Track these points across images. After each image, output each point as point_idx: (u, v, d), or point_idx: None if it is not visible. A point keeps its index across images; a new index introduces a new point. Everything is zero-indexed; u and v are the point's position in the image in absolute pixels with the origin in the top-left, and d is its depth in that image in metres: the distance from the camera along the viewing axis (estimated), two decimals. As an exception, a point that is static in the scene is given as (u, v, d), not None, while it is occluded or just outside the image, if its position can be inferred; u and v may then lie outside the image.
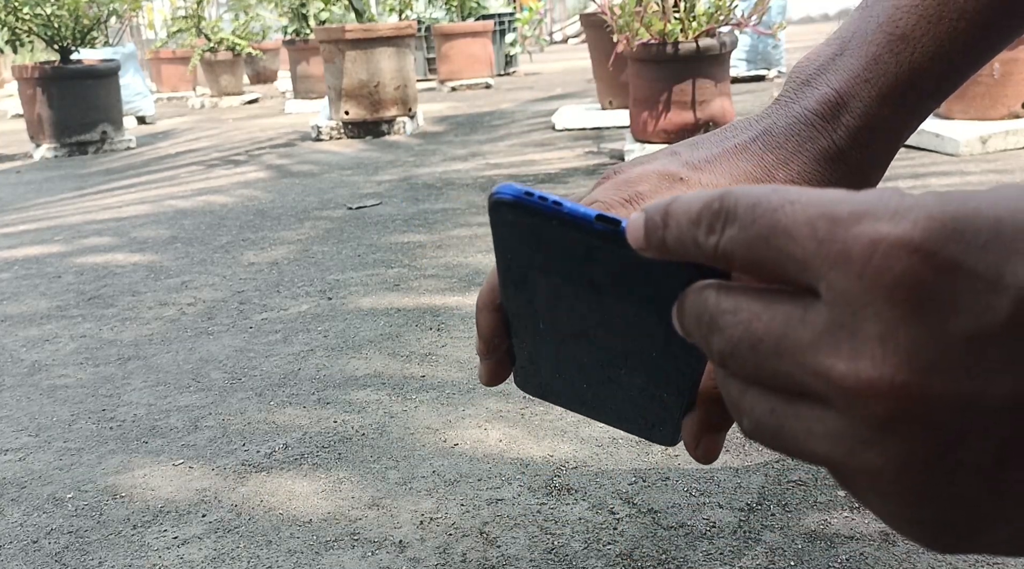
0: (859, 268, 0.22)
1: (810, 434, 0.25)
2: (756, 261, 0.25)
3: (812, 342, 0.24)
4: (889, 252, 0.22)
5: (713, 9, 3.05)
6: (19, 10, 4.77)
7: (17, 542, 1.08)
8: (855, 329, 0.23)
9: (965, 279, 0.21)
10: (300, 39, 7.21)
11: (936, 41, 0.43)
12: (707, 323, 0.27)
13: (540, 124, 4.73)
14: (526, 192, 0.32)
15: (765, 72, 5.97)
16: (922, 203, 0.22)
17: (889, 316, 0.22)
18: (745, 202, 0.25)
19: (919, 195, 0.23)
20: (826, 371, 0.23)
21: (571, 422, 1.27)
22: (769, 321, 0.25)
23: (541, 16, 12.70)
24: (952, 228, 0.22)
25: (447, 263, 2.17)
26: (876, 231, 0.22)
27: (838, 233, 0.23)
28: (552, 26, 17.13)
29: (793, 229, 0.24)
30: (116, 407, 1.46)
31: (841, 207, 0.23)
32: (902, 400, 0.22)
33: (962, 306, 0.21)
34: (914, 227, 0.22)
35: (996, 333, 0.21)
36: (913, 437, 0.22)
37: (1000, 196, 0.22)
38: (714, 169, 0.43)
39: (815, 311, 0.24)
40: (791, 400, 0.25)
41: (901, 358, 0.22)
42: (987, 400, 0.21)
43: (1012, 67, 3.01)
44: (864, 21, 0.45)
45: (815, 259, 0.23)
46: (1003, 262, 0.21)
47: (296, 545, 1.02)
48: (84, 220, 3.08)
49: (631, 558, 0.95)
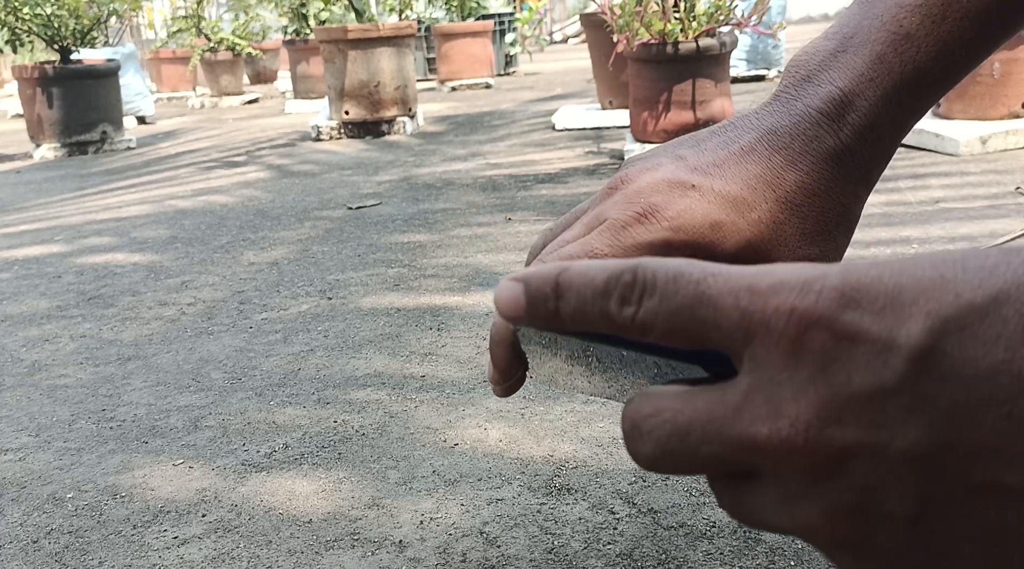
0: (775, 337, 0.24)
1: (763, 507, 0.26)
2: (678, 330, 0.26)
3: (735, 414, 0.25)
4: (798, 321, 0.24)
5: (713, 9, 3.05)
6: (19, 10, 4.77)
7: (17, 542, 1.08)
8: (772, 393, 0.24)
9: (863, 342, 0.23)
10: (300, 39, 7.22)
11: (940, 40, 0.43)
12: (630, 432, 0.27)
13: (540, 124, 4.73)
14: None
15: (765, 72, 5.97)
16: (828, 274, 0.25)
17: (800, 378, 0.24)
18: (664, 274, 0.26)
19: (829, 267, 0.25)
20: (751, 439, 0.25)
21: (571, 422, 1.27)
22: (692, 411, 0.26)
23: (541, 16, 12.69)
24: (850, 297, 0.24)
25: (447, 263, 2.17)
26: (788, 303, 0.24)
27: (758, 304, 0.25)
28: (552, 26, 17.13)
29: (718, 299, 0.25)
30: (116, 407, 1.46)
31: (761, 279, 0.25)
32: (818, 452, 0.24)
33: (862, 365, 0.23)
34: (818, 298, 0.24)
35: (894, 388, 0.23)
36: (835, 486, 0.24)
37: (908, 265, 0.24)
38: (724, 174, 0.43)
39: (734, 386, 0.25)
40: (737, 479, 0.26)
41: (812, 414, 0.24)
42: (894, 449, 0.23)
43: (1012, 67, 3.01)
44: (866, 18, 0.44)
45: (739, 328, 0.25)
46: (898, 324, 0.23)
47: (296, 545, 1.02)
48: (84, 220, 3.08)
49: (631, 558, 0.95)
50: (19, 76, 4.89)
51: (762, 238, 0.42)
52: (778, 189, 0.43)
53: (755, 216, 0.42)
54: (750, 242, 0.42)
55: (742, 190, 0.42)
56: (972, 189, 2.50)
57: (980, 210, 2.26)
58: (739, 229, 0.42)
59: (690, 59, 3.03)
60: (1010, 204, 2.30)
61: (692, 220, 0.41)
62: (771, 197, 0.42)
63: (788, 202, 0.43)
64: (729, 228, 0.42)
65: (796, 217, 0.43)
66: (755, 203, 0.42)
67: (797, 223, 0.43)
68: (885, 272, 0.24)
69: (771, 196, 0.42)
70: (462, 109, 5.86)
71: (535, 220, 2.55)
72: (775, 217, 0.42)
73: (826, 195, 0.43)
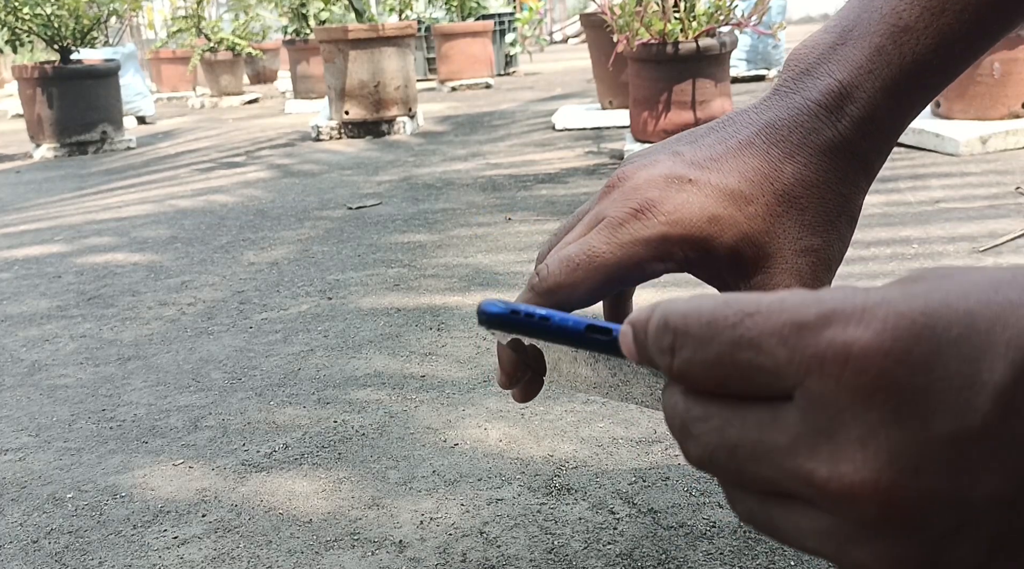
0: (835, 373, 0.22)
1: (799, 529, 0.24)
2: (719, 378, 0.25)
3: (790, 446, 0.23)
4: (862, 357, 0.22)
5: (713, 9, 3.05)
6: (19, 10, 4.77)
7: (17, 542, 1.08)
8: (833, 433, 0.22)
9: (941, 378, 0.21)
10: (300, 39, 7.21)
11: (939, 33, 0.43)
12: (679, 429, 0.26)
13: (540, 124, 4.73)
14: (512, 310, 0.32)
15: (765, 72, 5.97)
16: (889, 299, 0.22)
17: (868, 420, 0.22)
18: (696, 320, 0.25)
19: (885, 288, 0.23)
20: (807, 475, 0.23)
21: (571, 422, 1.27)
22: (742, 426, 0.24)
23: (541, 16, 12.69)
24: (923, 324, 0.21)
25: (447, 263, 2.17)
26: (847, 334, 0.22)
27: (808, 339, 0.23)
28: (552, 26, 17.13)
29: (760, 340, 0.23)
30: (116, 407, 1.46)
31: (807, 311, 0.23)
32: (888, 502, 0.22)
33: (941, 406, 0.21)
34: (883, 328, 0.22)
35: (977, 432, 0.21)
36: (903, 537, 0.22)
37: (972, 284, 0.22)
38: (721, 168, 0.43)
39: (787, 414, 0.23)
40: (778, 498, 0.25)
41: (883, 461, 0.22)
42: (974, 498, 0.21)
43: (1012, 67, 3.00)
44: (865, 11, 0.44)
45: (788, 367, 0.23)
46: (978, 358, 0.21)
47: (296, 545, 1.02)
48: (84, 220, 3.08)
49: (631, 558, 0.95)
50: (19, 76, 4.89)
51: (760, 231, 0.42)
52: (776, 182, 0.42)
53: (753, 209, 0.42)
54: (748, 235, 0.42)
55: (740, 183, 0.42)
56: (972, 189, 2.50)
57: (980, 210, 2.26)
58: (737, 222, 0.42)
59: (690, 59, 3.04)
60: (1010, 204, 2.30)
61: (689, 214, 0.41)
62: (769, 190, 0.42)
63: (787, 194, 0.42)
64: (727, 221, 0.42)
65: (795, 209, 0.42)
66: (753, 196, 0.42)
67: (796, 215, 0.42)
68: (951, 295, 0.22)
69: (769, 189, 0.42)
70: (462, 109, 5.86)
71: (535, 220, 2.55)
72: (773, 210, 0.42)
73: (825, 186, 0.43)
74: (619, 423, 1.25)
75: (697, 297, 0.26)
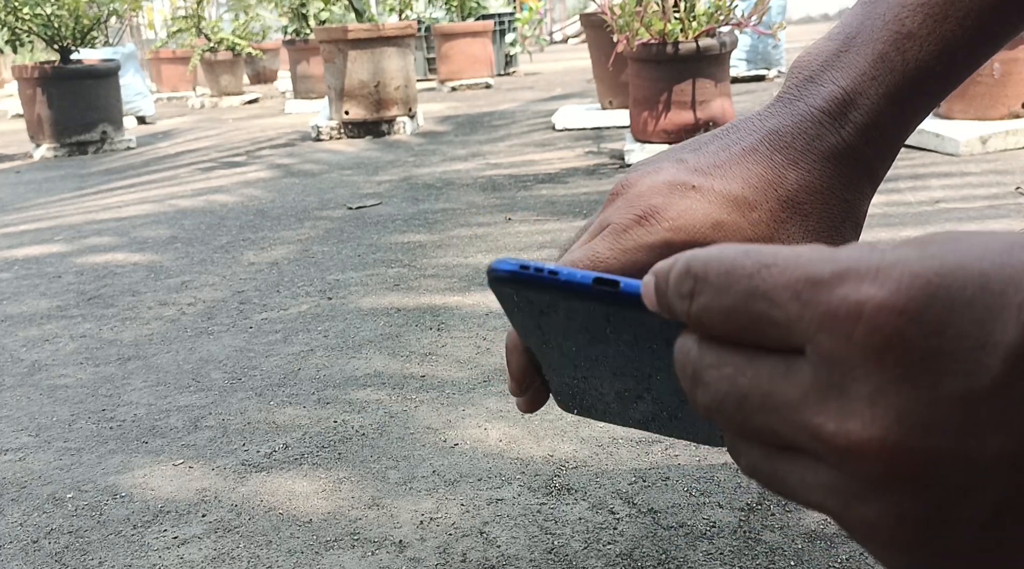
0: (847, 330, 0.22)
1: (804, 483, 0.25)
2: (734, 327, 0.25)
3: (800, 400, 0.23)
4: (876, 315, 0.22)
5: (713, 9, 3.05)
6: (19, 10, 4.77)
7: (17, 542, 1.08)
8: (843, 389, 0.22)
9: (953, 338, 0.21)
10: (300, 39, 7.21)
11: (942, 39, 0.43)
12: (690, 376, 0.27)
13: (540, 124, 4.73)
14: (521, 265, 0.32)
15: (765, 72, 5.97)
16: (904, 259, 0.22)
17: (879, 378, 0.22)
18: (716, 268, 0.25)
19: (899, 249, 0.23)
20: (816, 429, 0.23)
21: (571, 422, 1.27)
22: (753, 376, 0.25)
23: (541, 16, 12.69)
24: (937, 285, 0.21)
25: (447, 263, 2.17)
26: (861, 292, 0.22)
27: (821, 295, 0.23)
28: (552, 26, 17.13)
29: (773, 293, 0.24)
30: (116, 407, 1.46)
31: (822, 267, 0.23)
32: (895, 460, 0.22)
33: (952, 366, 0.21)
34: (898, 287, 0.22)
35: (987, 392, 0.21)
36: (908, 495, 0.22)
37: (985, 247, 0.22)
38: (725, 174, 0.43)
39: (799, 368, 0.24)
40: (783, 451, 0.25)
41: (892, 419, 0.22)
42: (981, 458, 0.21)
43: (1012, 67, 3.01)
44: (869, 18, 0.44)
45: (799, 322, 0.23)
46: (991, 319, 0.21)
47: (296, 545, 1.02)
48: (84, 220, 3.08)
49: (631, 558, 0.95)
50: (19, 76, 4.89)
51: (764, 237, 0.42)
52: (780, 188, 0.43)
53: (756, 215, 0.42)
54: (752, 241, 0.42)
55: (743, 190, 0.42)
56: (972, 189, 2.50)
57: (980, 210, 2.26)
58: (740, 228, 0.42)
59: (690, 59, 3.04)
60: (1010, 204, 2.30)
61: (693, 220, 0.41)
62: (773, 196, 0.42)
63: (790, 201, 0.43)
64: (730, 227, 0.42)
65: (799, 215, 0.43)
66: (757, 202, 0.42)
67: (800, 221, 0.43)
68: (966, 257, 0.22)
69: (773, 195, 0.42)
70: (462, 109, 5.86)
71: (535, 220, 2.55)
72: (777, 216, 0.42)
73: (829, 192, 0.43)
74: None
75: (720, 246, 0.26)
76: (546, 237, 2.34)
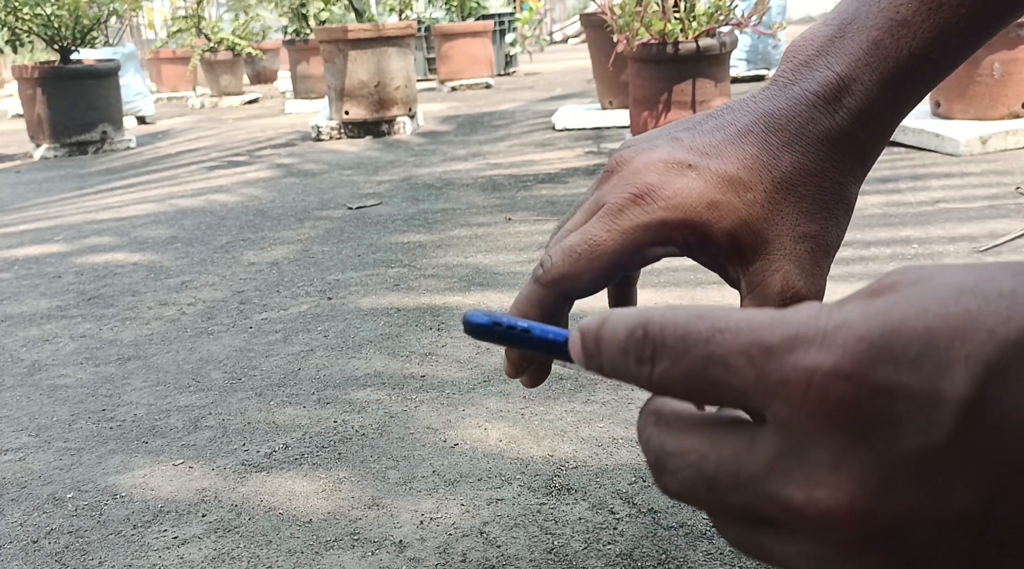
0: (799, 398, 0.22)
1: (786, 553, 0.25)
2: (695, 392, 0.25)
3: (766, 473, 0.23)
4: (824, 382, 0.22)
5: (713, 9, 3.05)
6: (19, 10, 4.77)
7: (17, 542, 1.08)
8: (804, 456, 0.23)
9: (903, 398, 0.21)
10: (300, 39, 7.22)
11: (936, 27, 0.43)
12: (655, 466, 0.26)
13: (540, 124, 4.73)
14: (494, 322, 0.32)
15: (765, 72, 5.97)
16: (848, 320, 0.22)
17: (835, 443, 0.22)
18: (673, 332, 0.25)
19: (846, 307, 0.23)
20: (785, 501, 0.23)
21: (571, 422, 1.27)
22: (719, 459, 0.25)
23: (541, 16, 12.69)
24: (880, 347, 0.21)
25: (447, 263, 2.17)
26: (808, 359, 0.22)
27: (773, 362, 0.23)
28: (552, 26, 17.13)
29: (729, 359, 0.24)
30: (116, 407, 1.46)
31: (772, 332, 0.23)
32: (863, 524, 0.22)
33: (905, 425, 0.21)
34: (843, 352, 0.22)
35: (943, 448, 0.21)
36: (883, 556, 0.22)
37: (933, 297, 0.22)
38: (720, 154, 0.43)
39: (762, 438, 0.24)
40: (761, 525, 0.25)
41: (855, 483, 0.22)
42: (947, 512, 0.21)
43: (1012, 67, 3.00)
44: (864, 5, 0.45)
45: (755, 390, 0.23)
46: (938, 375, 0.21)
47: (296, 545, 1.02)
48: (84, 220, 3.08)
49: (631, 558, 0.95)
50: (19, 76, 4.89)
51: (758, 217, 0.42)
52: (774, 170, 0.43)
53: (751, 196, 0.42)
54: (746, 221, 0.42)
55: (739, 170, 0.43)
56: (972, 189, 2.50)
57: (980, 210, 2.26)
58: (735, 209, 0.42)
59: (690, 59, 3.04)
60: (1010, 204, 2.30)
61: (688, 200, 0.42)
62: (767, 177, 0.43)
63: (784, 182, 0.43)
64: (725, 208, 0.42)
65: (792, 196, 0.43)
66: (751, 183, 0.43)
67: (794, 202, 0.43)
68: (910, 312, 0.22)
69: (767, 176, 0.43)
70: (462, 109, 5.86)
71: (535, 220, 2.55)
72: (771, 197, 0.43)
73: (823, 175, 0.43)
74: (619, 423, 1.25)
75: (672, 308, 0.26)
76: (546, 237, 2.34)
